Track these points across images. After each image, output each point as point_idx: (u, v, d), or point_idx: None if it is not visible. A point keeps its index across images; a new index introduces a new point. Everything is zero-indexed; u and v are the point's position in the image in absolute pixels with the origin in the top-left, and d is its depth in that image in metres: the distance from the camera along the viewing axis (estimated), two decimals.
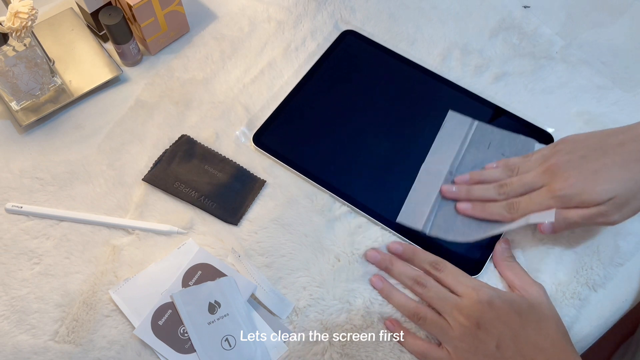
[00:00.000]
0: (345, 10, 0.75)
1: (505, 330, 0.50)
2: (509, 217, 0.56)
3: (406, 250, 0.59)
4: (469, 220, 0.59)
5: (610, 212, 0.52)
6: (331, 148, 0.65)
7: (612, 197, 0.51)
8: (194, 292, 0.57)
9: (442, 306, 0.54)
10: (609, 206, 0.52)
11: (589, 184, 0.52)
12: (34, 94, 0.67)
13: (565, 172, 0.53)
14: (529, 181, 0.56)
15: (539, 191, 0.55)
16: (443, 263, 0.56)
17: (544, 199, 0.54)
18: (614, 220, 0.52)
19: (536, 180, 0.56)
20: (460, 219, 0.59)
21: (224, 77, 0.71)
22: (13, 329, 0.57)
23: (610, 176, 0.52)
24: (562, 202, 0.53)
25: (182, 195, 0.62)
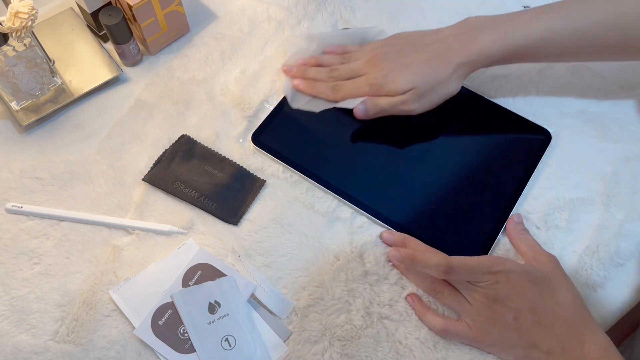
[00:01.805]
0: (345, 10, 0.75)
1: (522, 302, 0.51)
2: (333, 96, 0.65)
3: (397, 241, 0.59)
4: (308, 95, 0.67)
5: (410, 101, 0.60)
6: (330, 147, 0.65)
7: (412, 88, 0.60)
8: (194, 292, 0.57)
9: (458, 284, 0.54)
10: (410, 95, 0.60)
11: (396, 75, 0.60)
12: (34, 94, 0.67)
13: (381, 63, 0.62)
14: (354, 68, 0.64)
15: (359, 78, 0.63)
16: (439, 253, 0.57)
17: (361, 85, 0.63)
18: (413, 108, 0.61)
19: (360, 68, 0.64)
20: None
21: (224, 77, 0.71)
22: (13, 329, 0.57)
23: (414, 69, 0.60)
24: (375, 89, 0.62)
25: (182, 195, 0.62)
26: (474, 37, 0.59)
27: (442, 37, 0.61)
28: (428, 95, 0.60)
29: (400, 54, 0.62)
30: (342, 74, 0.65)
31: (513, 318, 0.51)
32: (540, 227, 0.60)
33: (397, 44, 0.63)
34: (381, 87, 0.61)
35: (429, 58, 0.60)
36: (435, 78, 0.60)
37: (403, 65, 0.61)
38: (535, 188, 0.63)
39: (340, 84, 0.64)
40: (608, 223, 0.60)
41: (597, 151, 0.65)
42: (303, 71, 0.68)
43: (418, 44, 0.62)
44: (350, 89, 0.63)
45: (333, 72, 0.66)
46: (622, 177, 0.63)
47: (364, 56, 0.65)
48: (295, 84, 0.67)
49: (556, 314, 0.50)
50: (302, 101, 0.67)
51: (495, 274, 0.51)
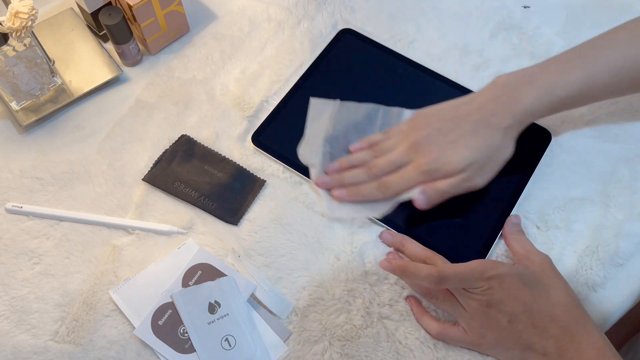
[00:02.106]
0: (345, 10, 0.75)
1: (516, 306, 0.51)
2: (382, 196, 0.59)
3: (395, 241, 0.59)
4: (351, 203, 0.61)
5: (472, 177, 0.57)
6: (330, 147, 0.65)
7: (470, 164, 0.56)
8: (194, 292, 0.57)
9: (453, 289, 0.54)
10: (470, 172, 0.56)
11: (449, 155, 0.56)
12: (34, 94, 0.67)
13: (426, 147, 0.58)
14: (395, 159, 0.59)
15: (406, 168, 0.58)
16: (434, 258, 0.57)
17: (412, 175, 0.58)
18: (477, 183, 0.57)
19: (402, 157, 0.59)
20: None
21: (224, 77, 0.71)
22: (13, 329, 0.57)
23: (465, 144, 0.56)
24: (429, 175, 0.57)
25: (182, 195, 0.62)
26: (515, 98, 0.57)
27: (480, 104, 0.58)
28: (488, 166, 0.57)
29: (442, 132, 0.58)
30: (384, 168, 0.59)
31: (508, 321, 0.51)
32: (540, 227, 0.60)
33: (434, 123, 0.59)
34: (436, 171, 0.56)
35: (476, 129, 0.57)
36: (488, 148, 0.56)
37: (451, 143, 0.57)
38: (535, 188, 0.63)
39: (386, 180, 0.58)
40: (608, 223, 0.60)
41: (596, 151, 0.65)
42: (339, 179, 0.61)
43: (456, 117, 0.58)
44: (400, 183, 0.58)
45: (373, 170, 0.59)
46: (622, 177, 0.63)
47: (400, 143, 0.59)
48: (335, 194, 0.60)
49: (551, 315, 0.50)
50: (345, 211, 0.60)
51: (488, 279, 0.51)
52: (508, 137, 0.57)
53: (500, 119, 0.56)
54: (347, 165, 0.62)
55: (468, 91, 0.68)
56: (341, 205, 0.60)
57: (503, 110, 0.57)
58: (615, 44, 0.57)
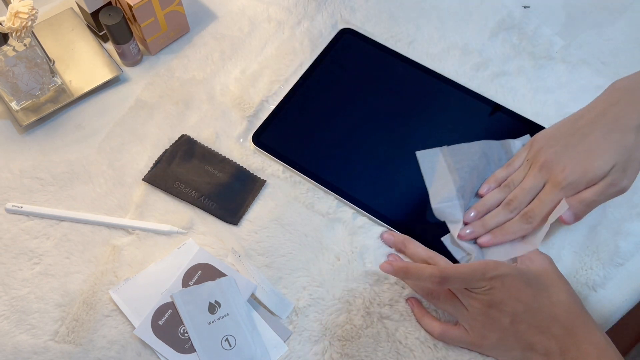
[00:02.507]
0: (345, 10, 0.75)
1: (517, 306, 0.51)
2: (530, 227, 0.56)
3: (397, 242, 0.59)
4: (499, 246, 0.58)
5: (618, 180, 0.54)
6: (330, 146, 0.65)
7: (613, 165, 0.54)
8: (194, 292, 0.57)
9: (454, 289, 0.54)
10: (614, 175, 0.54)
11: (587, 164, 0.54)
12: (34, 94, 0.67)
13: (559, 164, 0.55)
14: (531, 186, 0.57)
15: (544, 190, 0.56)
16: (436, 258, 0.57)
17: (552, 196, 0.55)
18: (624, 186, 0.55)
19: (536, 182, 0.57)
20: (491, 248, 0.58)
21: (224, 77, 0.71)
22: (13, 329, 0.57)
23: (601, 149, 0.54)
24: (571, 189, 0.55)
25: (182, 195, 0.62)
26: (636, 97, 0.55)
27: (602, 110, 0.56)
28: (630, 167, 0.54)
29: (570, 146, 0.56)
30: (522, 199, 0.57)
31: (509, 322, 0.51)
32: None
33: (557, 141, 0.57)
34: (577, 183, 0.54)
35: (604, 134, 0.54)
36: (625, 148, 0.54)
37: (584, 152, 0.55)
38: None
39: (529, 210, 0.56)
40: (607, 223, 0.60)
41: None
42: (482, 224, 0.58)
43: (580, 129, 0.56)
44: (543, 207, 0.56)
45: (511, 205, 0.57)
46: None
47: (529, 170, 0.58)
48: (483, 242, 0.58)
49: (552, 315, 0.50)
50: (507, 256, 0.57)
51: (489, 279, 0.51)
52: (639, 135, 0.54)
53: (628, 121, 0.54)
54: (484, 210, 0.59)
55: (468, 91, 0.68)
56: (492, 252, 0.58)
57: (630, 111, 0.55)
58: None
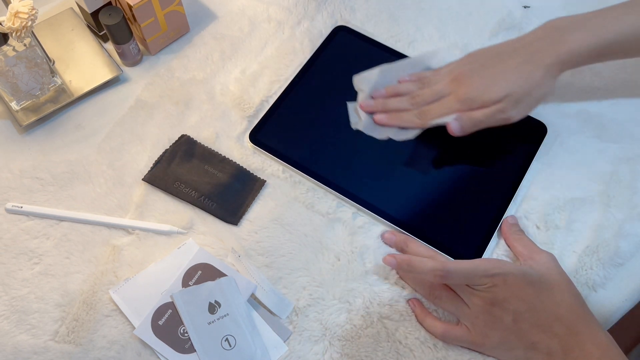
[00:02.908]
0: (345, 10, 0.75)
1: (520, 304, 0.51)
2: (420, 123, 0.62)
3: (398, 241, 0.59)
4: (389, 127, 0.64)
5: (507, 109, 0.58)
6: (329, 144, 0.65)
7: (507, 94, 0.57)
8: (194, 292, 0.57)
9: (456, 287, 0.54)
10: (505, 103, 0.58)
11: (488, 86, 0.58)
12: (34, 94, 0.67)
13: (468, 79, 0.60)
14: (438, 90, 0.62)
15: (447, 98, 0.61)
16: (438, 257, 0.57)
17: (451, 104, 0.60)
18: (511, 115, 0.59)
19: (444, 89, 0.61)
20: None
21: (224, 77, 0.71)
22: (13, 329, 0.57)
23: (506, 77, 0.58)
24: (467, 104, 0.59)
25: (182, 195, 0.62)
26: (562, 38, 0.57)
27: (527, 42, 0.59)
28: (524, 100, 0.58)
29: (485, 66, 0.60)
30: (426, 98, 0.62)
31: (512, 320, 0.51)
32: (540, 227, 0.61)
33: (479, 59, 0.61)
34: (473, 100, 0.59)
35: (518, 64, 0.58)
36: (527, 82, 0.58)
37: (491, 75, 0.59)
38: (535, 188, 0.63)
39: (426, 108, 0.62)
40: (608, 223, 0.60)
41: (597, 151, 0.65)
42: (383, 104, 0.64)
43: (501, 53, 0.60)
44: (438, 111, 0.61)
45: (415, 99, 0.63)
46: (622, 177, 0.63)
47: (445, 77, 0.62)
48: (377, 118, 0.64)
49: (555, 314, 0.50)
50: (384, 134, 0.64)
51: (492, 277, 0.51)
52: (549, 74, 0.58)
53: (544, 57, 0.57)
54: (392, 93, 0.65)
55: None
56: (377, 127, 0.64)
57: (548, 49, 0.58)
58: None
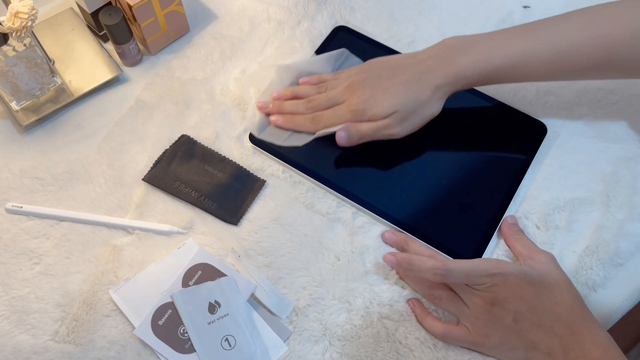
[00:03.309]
0: (345, 10, 0.75)
1: (520, 304, 0.51)
2: (314, 128, 0.63)
3: (399, 241, 0.59)
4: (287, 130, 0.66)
5: (392, 125, 0.60)
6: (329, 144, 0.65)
7: (394, 111, 0.59)
8: (194, 292, 0.57)
9: (456, 287, 0.54)
10: (392, 119, 0.59)
11: (377, 100, 0.60)
12: (34, 94, 0.67)
13: (361, 90, 0.61)
14: (332, 97, 0.63)
15: (340, 106, 0.62)
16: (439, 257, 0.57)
17: (342, 113, 0.61)
18: (395, 132, 0.60)
19: (339, 96, 0.62)
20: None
21: (224, 77, 0.71)
22: (13, 329, 0.57)
23: (395, 93, 0.59)
24: (356, 115, 0.60)
25: (182, 195, 0.62)
26: (452, 59, 0.59)
27: (420, 60, 0.60)
28: (410, 118, 0.60)
29: (379, 79, 0.61)
30: (321, 103, 0.63)
31: (512, 320, 0.51)
32: (540, 227, 0.61)
33: (375, 70, 0.62)
34: (363, 112, 0.60)
35: (408, 81, 0.59)
36: (415, 101, 0.59)
37: (383, 89, 0.60)
38: (535, 188, 0.63)
39: (320, 114, 0.63)
40: (608, 223, 0.60)
41: (597, 151, 0.65)
42: (279, 106, 0.66)
43: (396, 67, 0.61)
44: (331, 118, 0.62)
45: (311, 103, 0.64)
46: (622, 177, 0.63)
47: (341, 84, 0.63)
48: (272, 120, 0.65)
49: (555, 314, 0.50)
50: (281, 137, 0.65)
51: (492, 276, 0.51)
52: (436, 95, 0.59)
53: (433, 77, 0.59)
54: (290, 96, 0.66)
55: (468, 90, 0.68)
56: (271, 130, 0.66)
57: (438, 69, 0.59)
58: (564, 27, 0.58)
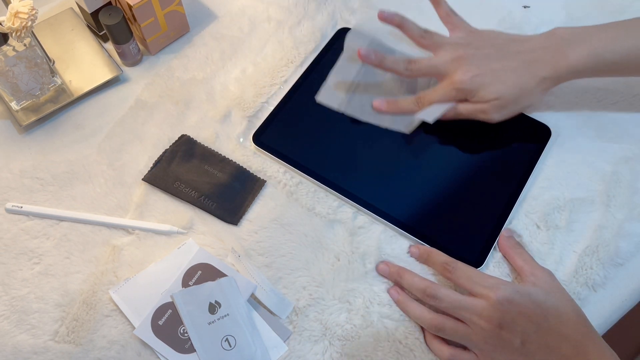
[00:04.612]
0: (345, 11, 0.75)
1: (528, 325, 0.50)
2: (417, 109, 0.62)
3: (422, 254, 0.59)
4: None
5: (490, 110, 0.59)
6: (331, 145, 0.65)
7: (498, 97, 0.58)
8: (194, 292, 0.57)
9: (459, 314, 0.53)
10: (492, 105, 0.59)
11: (485, 82, 0.58)
12: (34, 94, 0.67)
13: (467, 66, 0.59)
14: (436, 64, 0.61)
15: (442, 84, 0.61)
16: (454, 264, 0.56)
17: (447, 91, 0.60)
18: (492, 117, 0.60)
19: (444, 67, 0.60)
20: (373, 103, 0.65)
21: (224, 77, 0.71)
22: (13, 329, 0.57)
23: (504, 79, 0.58)
24: (461, 94, 0.59)
25: (182, 195, 0.62)
26: (563, 51, 0.58)
27: (532, 47, 0.59)
28: (510, 107, 0.59)
29: (488, 58, 0.59)
30: (422, 68, 0.61)
31: (521, 343, 0.50)
32: (540, 226, 0.61)
33: (484, 46, 0.60)
34: (468, 92, 0.59)
35: (517, 68, 0.58)
36: (520, 90, 0.58)
37: (492, 71, 0.58)
38: (535, 188, 0.63)
39: (423, 97, 0.61)
40: (608, 223, 0.60)
41: (597, 151, 0.65)
42: (381, 59, 0.62)
43: (505, 49, 0.60)
44: (433, 96, 0.61)
45: (412, 65, 0.61)
46: (622, 177, 0.63)
47: (448, 51, 0.60)
48: (376, 105, 0.64)
49: (562, 335, 0.50)
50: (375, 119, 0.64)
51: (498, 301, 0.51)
52: (541, 87, 0.58)
53: (542, 68, 0.58)
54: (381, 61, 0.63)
55: None
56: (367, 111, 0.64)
57: (548, 61, 0.58)
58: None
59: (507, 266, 0.59)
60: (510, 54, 0.59)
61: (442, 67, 0.60)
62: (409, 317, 0.56)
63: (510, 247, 0.58)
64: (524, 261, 0.57)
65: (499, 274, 0.58)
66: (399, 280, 0.57)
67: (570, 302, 0.53)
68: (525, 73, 0.58)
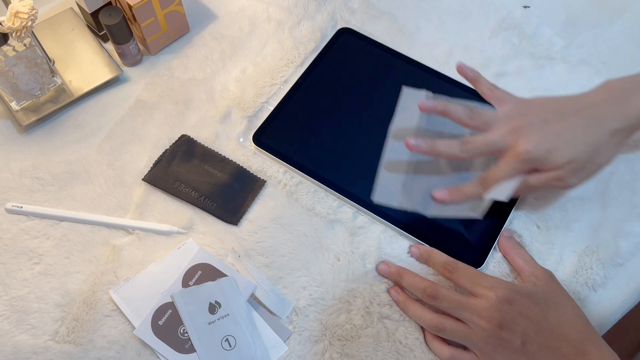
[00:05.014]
0: (345, 10, 0.75)
1: (528, 325, 0.50)
2: (484, 192, 0.56)
3: (422, 254, 0.59)
4: None
5: (567, 176, 0.53)
6: (331, 146, 0.65)
7: (571, 160, 0.53)
8: (194, 292, 0.57)
9: (459, 314, 0.53)
10: (566, 170, 0.53)
11: (552, 146, 0.53)
12: (34, 94, 0.67)
13: (528, 134, 0.54)
14: (492, 140, 0.55)
15: (504, 159, 0.55)
16: (454, 264, 0.56)
17: (511, 165, 0.54)
18: (571, 183, 0.54)
19: (501, 140, 0.55)
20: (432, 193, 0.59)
21: (224, 77, 0.71)
22: (13, 329, 0.57)
23: (572, 138, 0.53)
24: (528, 164, 0.54)
25: (182, 195, 0.62)
26: (627, 100, 0.54)
27: (591, 103, 0.55)
28: (585, 168, 0.54)
29: (547, 122, 0.54)
30: (479, 147, 0.56)
31: (521, 343, 0.50)
32: (540, 226, 0.61)
33: (539, 112, 0.55)
34: (537, 161, 0.53)
35: (585, 126, 0.53)
36: (593, 147, 0.53)
37: (556, 134, 0.53)
38: None
39: (486, 176, 0.56)
40: (608, 223, 0.61)
41: None
42: (432, 143, 0.57)
43: (565, 111, 0.55)
44: (498, 174, 0.55)
45: (467, 146, 0.56)
46: (622, 177, 0.63)
47: (501, 125, 0.56)
48: (439, 197, 0.58)
49: (562, 335, 0.50)
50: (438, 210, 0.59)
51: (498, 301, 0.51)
52: (614, 140, 0.53)
53: (610, 121, 0.53)
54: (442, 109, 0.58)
55: (468, 89, 0.68)
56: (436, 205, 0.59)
57: (616, 112, 0.53)
58: None
59: (507, 266, 0.59)
60: (569, 113, 0.54)
61: (500, 142, 0.55)
62: (409, 317, 0.56)
63: (510, 247, 0.58)
64: (524, 261, 0.57)
65: (499, 274, 0.58)
66: (399, 280, 0.57)
67: (569, 301, 0.53)
68: (593, 129, 0.53)
